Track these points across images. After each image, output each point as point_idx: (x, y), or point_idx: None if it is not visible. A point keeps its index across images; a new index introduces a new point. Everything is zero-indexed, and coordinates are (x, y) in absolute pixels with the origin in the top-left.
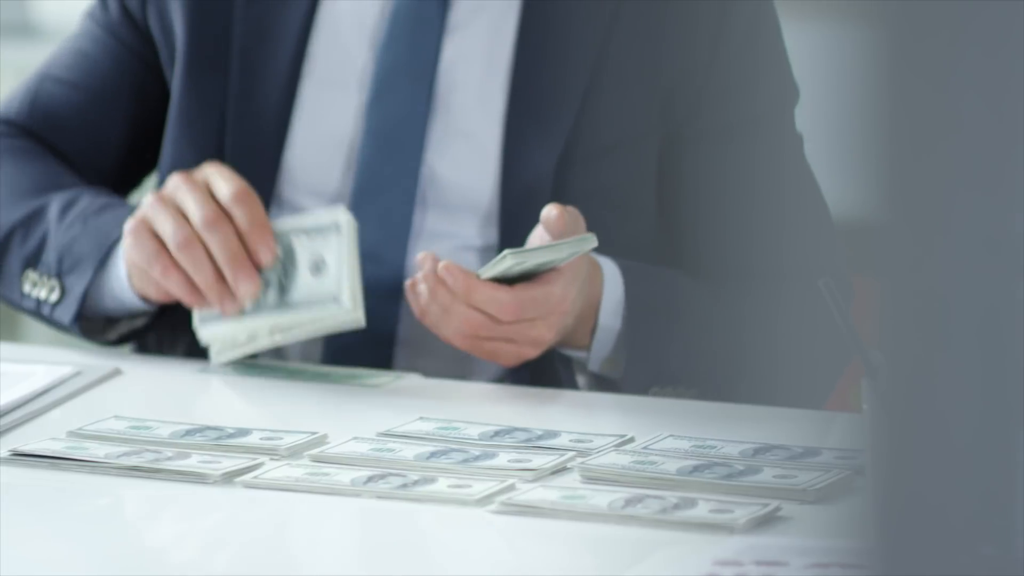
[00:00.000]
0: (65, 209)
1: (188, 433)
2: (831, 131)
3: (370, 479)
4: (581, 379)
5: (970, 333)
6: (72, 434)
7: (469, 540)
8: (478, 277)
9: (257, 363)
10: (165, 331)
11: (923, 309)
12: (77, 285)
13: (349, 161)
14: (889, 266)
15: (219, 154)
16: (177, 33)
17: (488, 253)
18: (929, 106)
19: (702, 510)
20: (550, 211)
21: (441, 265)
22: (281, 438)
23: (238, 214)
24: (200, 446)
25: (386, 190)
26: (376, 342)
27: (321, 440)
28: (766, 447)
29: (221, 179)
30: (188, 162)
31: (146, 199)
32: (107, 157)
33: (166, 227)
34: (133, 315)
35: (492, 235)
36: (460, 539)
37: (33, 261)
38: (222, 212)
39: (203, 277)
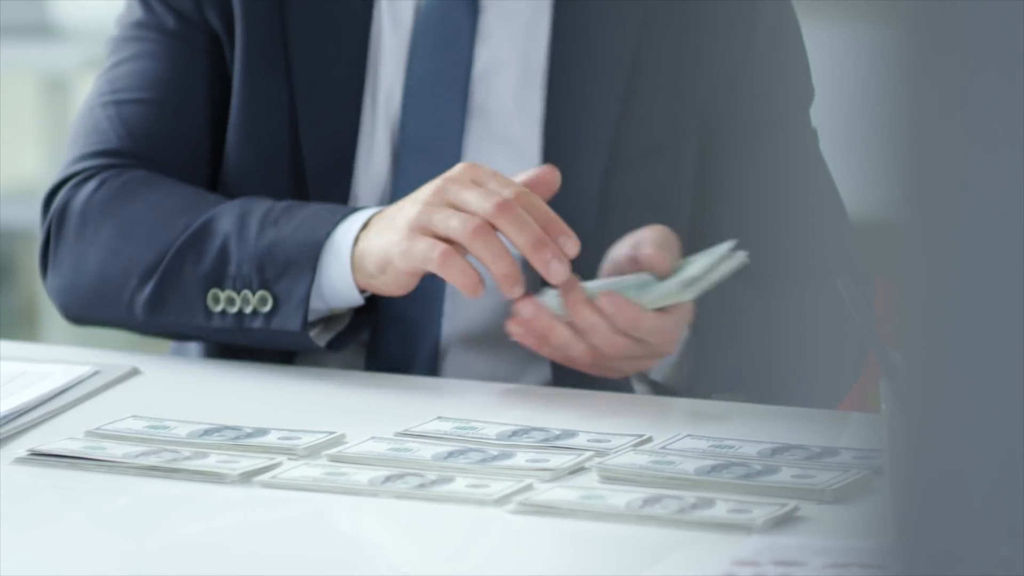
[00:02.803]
0: (242, 219)
1: (206, 433)
2: (849, 131)
3: (388, 479)
4: (639, 387)
5: (988, 334)
6: (90, 434)
7: (487, 540)
8: (642, 308)
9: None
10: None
11: (942, 309)
12: (297, 289)
13: (394, 167)
14: (907, 266)
15: (295, 157)
16: (237, 31)
17: None
18: (948, 106)
19: (720, 510)
20: (647, 251)
21: (601, 296)
22: (299, 438)
23: (534, 204)
24: (218, 446)
25: None
26: (421, 352)
27: (339, 440)
28: (784, 447)
29: (495, 178)
30: (257, 167)
31: (407, 205)
32: (204, 163)
33: (451, 223)
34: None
35: None
36: (478, 539)
37: (215, 279)
38: (512, 201)
39: (503, 265)
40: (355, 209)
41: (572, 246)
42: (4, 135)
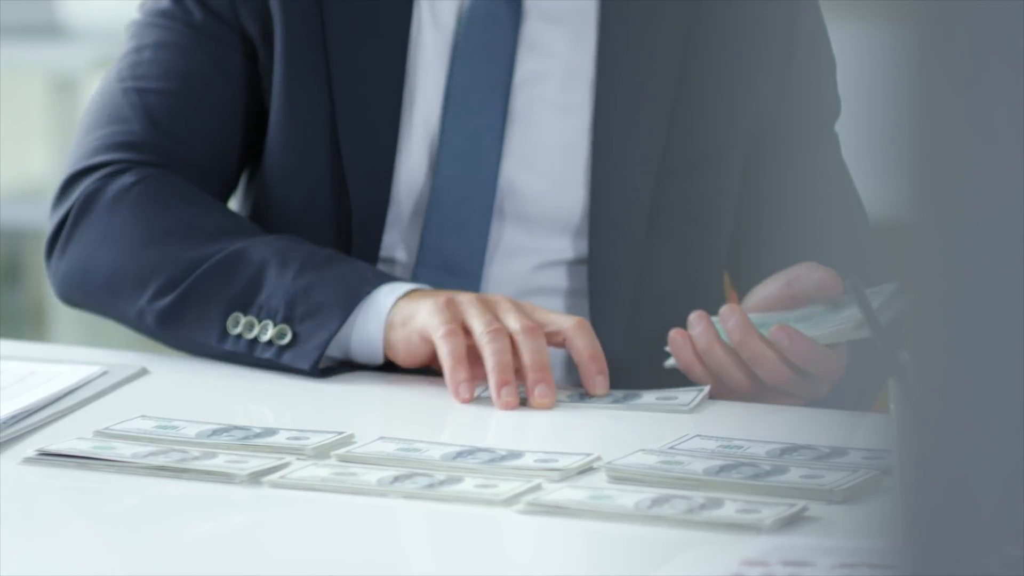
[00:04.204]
0: (284, 254)
1: (215, 433)
2: (860, 131)
3: (397, 479)
4: None
5: (998, 334)
6: (99, 434)
7: (495, 540)
8: (814, 341)
9: None
10: None
11: (951, 310)
12: (318, 333)
13: (431, 172)
14: (916, 267)
15: (336, 160)
16: (276, 34)
17: (578, 267)
18: (958, 106)
19: (729, 510)
20: (817, 276)
21: (775, 329)
22: (308, 438)
23: (578, 343)
24: (227, 446)
25: (463, 201)
26: None
27: (348, 440)
28: (793, 447)
29: (557, 315)
30: (299, 169)
31: (459, 297)
32: (229, 162)
33: (478, 320)
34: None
35: (582, 248)
36: (486, 539)
37: (241, 304)
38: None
39: (503, 360)
40: (395, 278)
41: (602, 385)
42: (12, 135)
